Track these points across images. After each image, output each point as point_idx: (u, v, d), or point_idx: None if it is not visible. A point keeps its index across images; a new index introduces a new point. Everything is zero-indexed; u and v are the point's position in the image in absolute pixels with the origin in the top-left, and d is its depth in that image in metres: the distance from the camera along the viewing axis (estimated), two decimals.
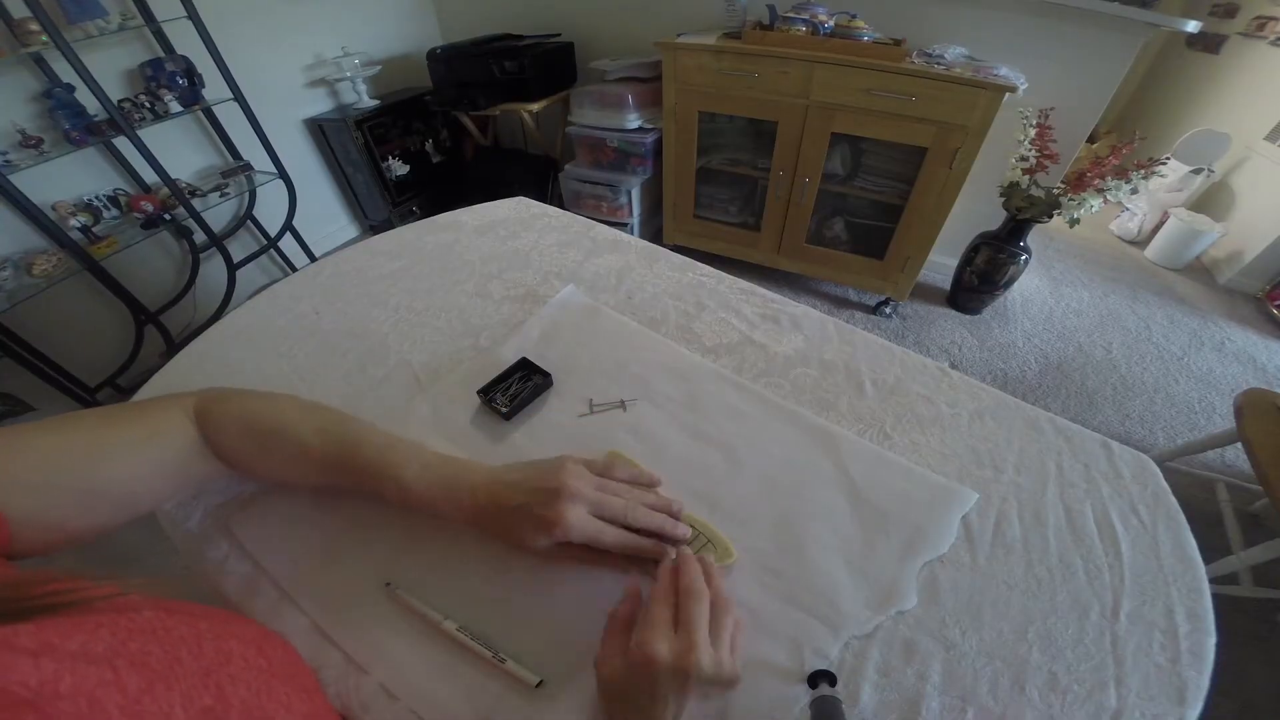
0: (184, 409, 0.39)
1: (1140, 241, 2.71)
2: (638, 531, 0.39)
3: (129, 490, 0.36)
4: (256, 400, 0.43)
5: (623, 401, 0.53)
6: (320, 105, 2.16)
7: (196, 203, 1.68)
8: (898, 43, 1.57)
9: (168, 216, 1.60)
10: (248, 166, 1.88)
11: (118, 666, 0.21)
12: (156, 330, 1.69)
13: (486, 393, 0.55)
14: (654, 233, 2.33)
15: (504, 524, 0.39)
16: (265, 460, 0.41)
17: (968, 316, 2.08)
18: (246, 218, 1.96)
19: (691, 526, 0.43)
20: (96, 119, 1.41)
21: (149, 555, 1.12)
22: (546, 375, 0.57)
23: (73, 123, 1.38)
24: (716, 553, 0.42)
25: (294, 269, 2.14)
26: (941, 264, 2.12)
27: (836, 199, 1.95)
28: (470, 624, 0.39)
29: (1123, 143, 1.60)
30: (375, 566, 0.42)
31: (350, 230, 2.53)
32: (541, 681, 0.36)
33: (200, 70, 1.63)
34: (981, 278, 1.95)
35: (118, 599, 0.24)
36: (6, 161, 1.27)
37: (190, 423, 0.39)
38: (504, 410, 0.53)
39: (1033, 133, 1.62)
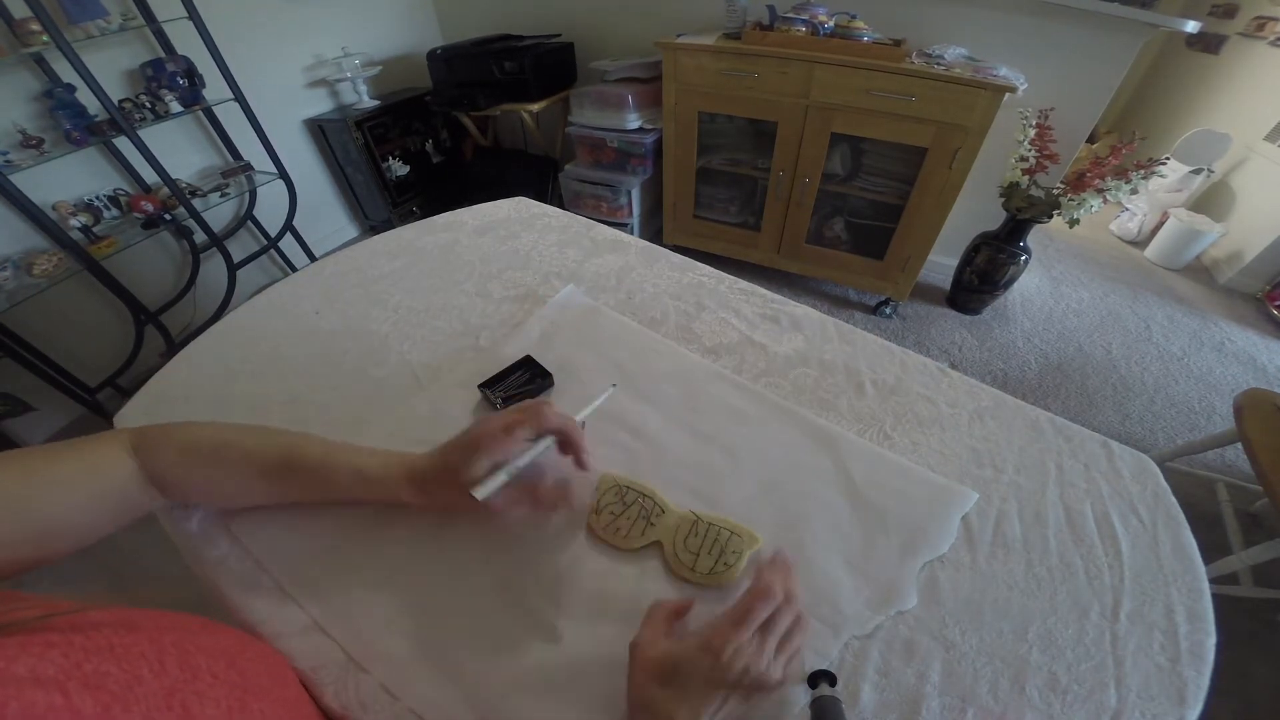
0: (120, 442, 0.39)
1: (1140, 242, 2.71)
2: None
3: (65, 524, 0.35)
4: (194, 426, 0.43)
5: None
6: (320, 105, 2.16)
7: (197, 203, 1.68)
8: (898, 43, 1.57)
9: (168, 216, 1.60)
10: (248, 167, 1.88)
11: (69, 690, 0.20)
12: (157, 330, 1.69)
13: (488, 387, 0.55)
14: (654, 233, 2.33)
15: (447, 473, 0.39)
16: (208, 477, 0.41)
17: (968, 316, 2.08)
18: (247, 218, 1.96)
19: (711, 523, 0.44)
20: (97, 119, 1.41)
21: (149, 555, 1.13)
22: (547, 374, 0.57)
23: (73, 123, 1.38)
24: (744, 541, 0.43)
25: (294, 269, 2.14)
26: (941, 264, 2.12)
27: (836, 199, 1.95)
28: (471, 619, 0.39)
29: (1123, 143, 1.60)
30: (375, 566, 0.42)
31: (350, 230, 2.53)
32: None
33: (201, 70, 1.63)
34: (981, 278, 1.95)
35: (73, 615, 0.23)
36: (7, 161, 1.27)
37: (127, 455, 0.39)
38: (499, 406, 0.53)
39: (1033, 133, 1.62)
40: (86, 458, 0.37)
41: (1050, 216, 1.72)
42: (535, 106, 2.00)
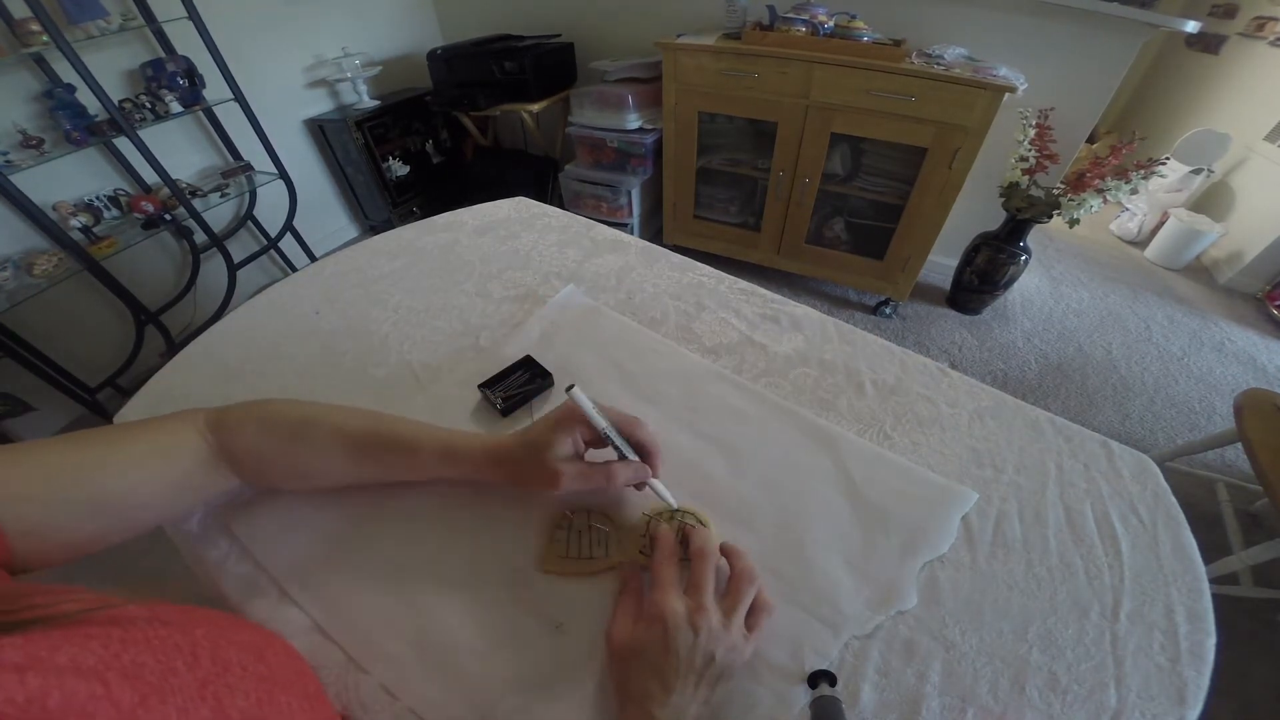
0: (195, 424, 0.39)
1: (1140, 242, 2.71)
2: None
3: (133, 504, 0.35)
4: (276, 402, 0.43)
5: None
6: (320, 105, 2.16)
7: (197, 203, 1.68)
8: (897, 43, 1.57)
9: (168, 217, 1.60)
10: (248, 167, 1.88)
11: (109, 680, 0.20)
12: (157, 330, 1.69)
13: (488, 386, 0.55)
14: (654, 233, 2.33)
15: (530, 452, 0.40)
16: (291, 454, 0.41)
17: (968, 316, 2.08)
18: (247, 218, 1.97)
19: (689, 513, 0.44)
20: (97, 119, 1.41)
21: (149, 556, 1.12)
22: (547, 374, 0.57)
23: (73, 123, 1.38)
24: (700, 518, 0.43)
25: (294, 269, 2.14)
26: (941, 264, 2.12)
27: (836, 199, 1.95)
28: (470, 618, 0.39)
29: (1123, 143, 1.60)
30: (375, 566, 0.42)
31: (350, 230, 2.53)
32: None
33: (201, 70, 1.63)
34: (981, 278, 1.95)
35: (111, 610, 0.24)
36: (7, 162, 1.27)
37: (200, 438, 0.39)
38: (500, 406, 0.53)
39: (1032, 133, 1.62)
40: (158, 437, 0.38)
41: (1050, 216, 1.72)
42: (535, 106, 2.00)
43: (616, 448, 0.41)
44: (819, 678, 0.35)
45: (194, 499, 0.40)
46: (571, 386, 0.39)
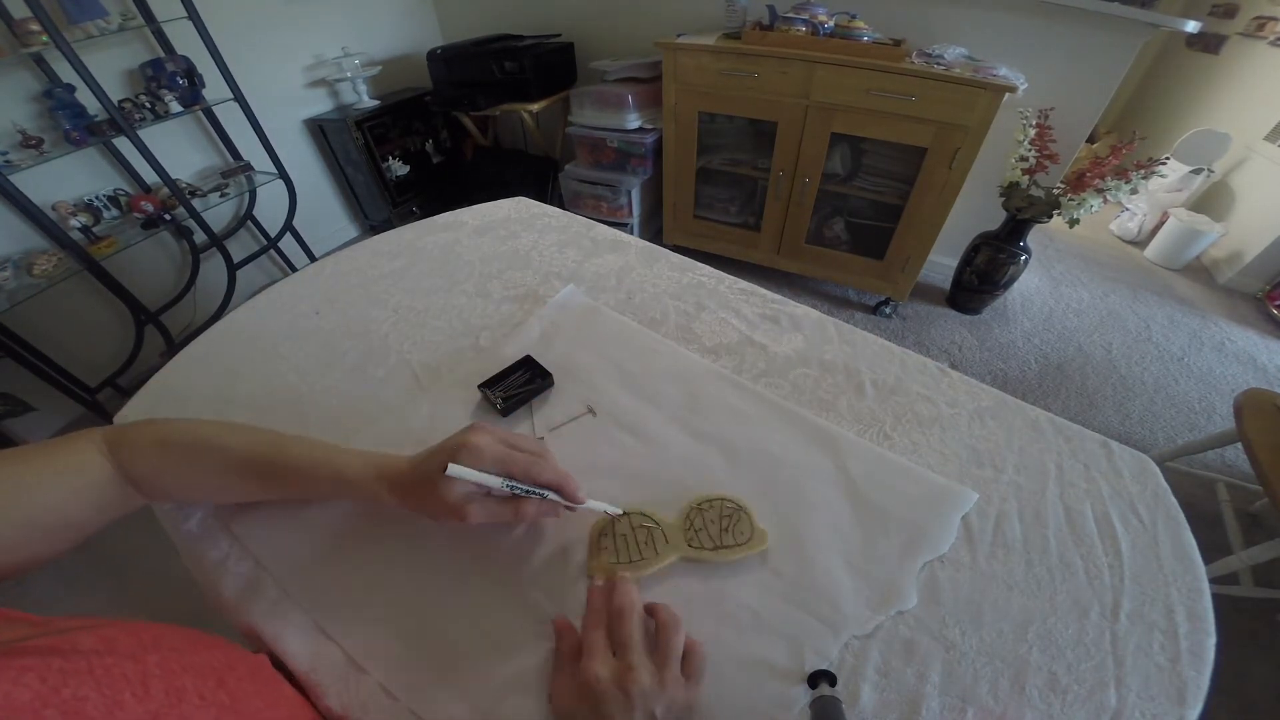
0: (93, 442, 0.38)
1: (1140, 241, 2.71)
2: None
3: (34, 528, 0.34)
4: (171, 423, 0.42)
5: (589, 408, 0.51)
6: (320, 105, 2.16)
7: (197, 203, 1.68)
8: (898, 43, 1.57)
9: (168, 216, 1.60)
10: (248, 167, 1.88)
11: (46, 717, 0.19)
12: (157, 330, 1.69)
13: (488, 386, 0.55)
14: (654, 233, 2.33)
15: (424, 484, 0.37)
16: (185, 475, 0.40)
17: (968, 316, 2.08)
18: (247, 218, 1.97)
19: (724, 499, 0.44)
20: (97, 119, 1.41)
21: (149, 556, 1.13)
22: (547, 374, 0.57)
23: (73, 123, 1.38)
24: (653, 517, 0.43)
25: (294, 269, 2.14)
26: (941, 264, 2.12)
27: (836, 199, 1.95)
28: (470, 618, 0.39)
29: (1123, 143, 1.60)
30: (375, 566, 0.42)
31: (350, 230, 2.53)
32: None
33: (200, 70, 1.63)
34: (981, 278, 1.95)
35: (53, 636, 0.22)
36: (7, 162, 1.27)
37: (102, 455, 0.38)
38: (499, 406, 0.53)
39: (1033, 133, 1.62)
40: (56, 459, 0.36)
41: (1050, 216, 1.72)
42: (535, 106, 2.00)
43: (524, 494, 0.38)
44: (819, 678, 0.35)
45: (102, 518, 0.38)
46: (445, 468, 0.35)
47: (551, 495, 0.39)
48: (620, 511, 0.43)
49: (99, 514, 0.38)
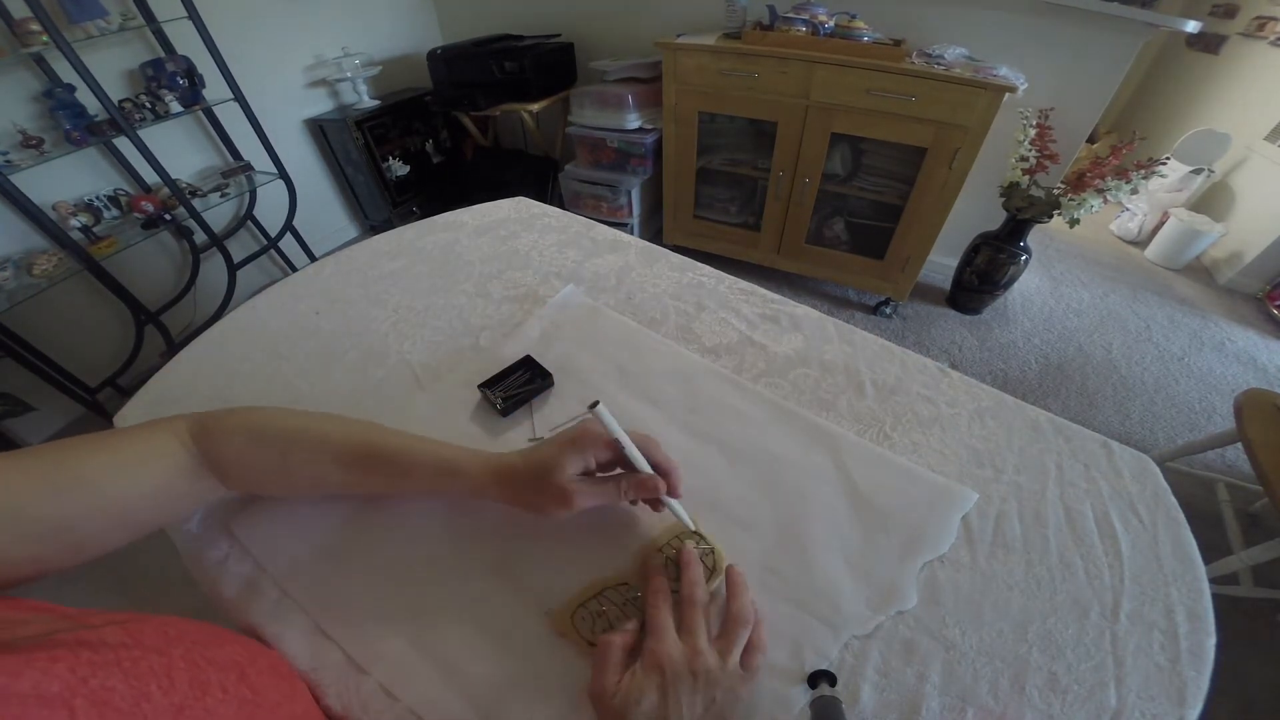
0: (173, 431, 0.37)
1: (1140, 242, 2.71)
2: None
3: (108, 517, 0.33)
4: (264, 410, 0.42)
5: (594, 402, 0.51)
6: (321, 105, 2.16)
7: (197, 203, 1.68)
8: (898, 43, 1.57)
9: (168, 216, 1.60)
10: (248, 167, 1.88)
11: (75, 707, 0.19)
12: (157, 330, 1.69)
13: (488, 386, 0.55)
14: (654, 233, 2.33)
15: (538, 474, 0.38)
16: (280, 464, 0.40)
17: (968, 316, 2.08)
18: (247, 218, 1.97)
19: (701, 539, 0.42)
20: (97, 119, 1.41)
21: (148, 556, 1.13)
22: (547, 374, 0.57)
23: (73, 123, 1.38)
24: (712, 545, 0.42)
25: (294, 269, 2.14)
26: (941, 264, 2.12)
27: (836, 199, 1.95)
28: (471, 619, 0.39)
29: (1123, 143, 1.60)
30: (375, 566, 0.42)
31: (350, 230, 2.53)
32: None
33: (201, 70, 1.63)
34: (981, 278, 1.95)
35: (82, 630, 0.22)
36: (7, 161, 1.27)
37: (180, 445, 0.37)
38: (499, 407, 0.53)
39: (1033, 133, 1.62)
40: (136, 445, 0.36)
41: (1050, 216, 1.72)
42: (535, 106, 2.00)
43: (636, 466, 0.39)
44: (819, 678, 0.35)
45: (178, 507, 0.38)
46: (596, 404, 0.37)
47: (648, 474, 0.39)
48: (693, 527, 0.42)
49: (166, 506, 0.37)
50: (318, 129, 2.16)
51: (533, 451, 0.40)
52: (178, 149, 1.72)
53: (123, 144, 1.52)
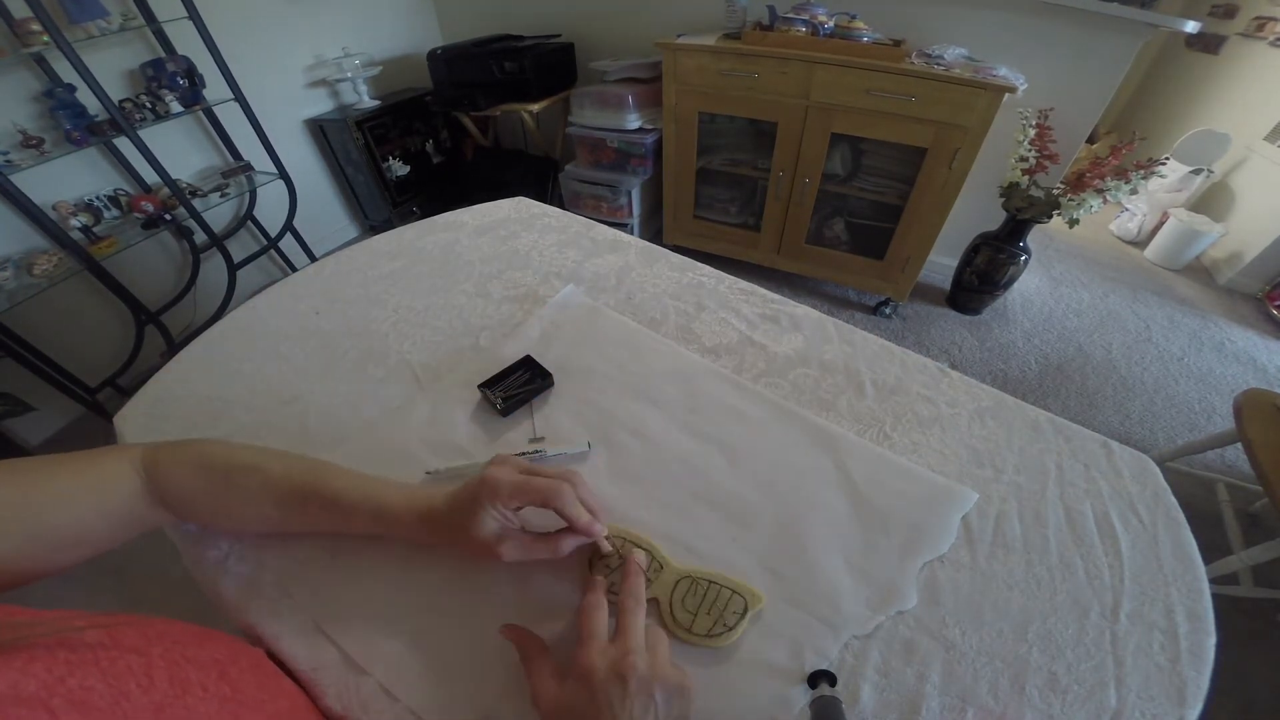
0: (130, 459, 0.38)
1: (1140, 242, 2.71)
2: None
3: (63, 538, 0.34)
4: (210, 445, 0.42)
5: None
6: (321, 105, 2.16)
7: (197, 203, 1.68)
8: (897, 43, 1.57)
9: (168, 216, 1.60)
10: (248, 167, 1.88)
11: (54, 707, 0.19)
12: (157, 330, 1.69)
13: (488, 386, 0.55)
14: (654, 233, 2.33)
15: (457, 523, 0.37)
16: (221, 501, 0.40)
17: (968, 317, 2.08)
18: (247, 218, 1.97)
19: (711, 582, 0.40)
20: (97, 119, 1.41)
21: (148, 556, 1.13)
22: (547, 375, 0.57)
23: (74, 123, 1.38)
24: (746, 600, 0.39)
25: (294, 269, 2.14)
26: (941, 264, 2.12)
27: (836, 199, 1.95)
28: (471, 619, 0.39)
29: (1123, 143, 1.60)
30: (375, 566, 0.42)
31: (350, 230, 2.53)
32: None
33: (201, 70, 1.63)
34: (981, 278, 1.95)
35: (60, 634, 0.22)
36: (7, 161, 1.27)
37: (135, 472, 0.38)
38: (499, 406, 0.53)
39: (1032, 133, 1.62)
40: (90, 472, 0.36)
41: (1050, 216, 1.72)
42: (535, 107, 2.00)
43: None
44: (819, 678, 0.35)
45: (129, 532, 0.38)
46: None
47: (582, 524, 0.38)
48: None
49: (120, 530, 0.37)
50: (318, 129, 2.16)
51: (452, 496, 0.39)
52: (178, 149, 1.72)
53: (123, 144, 1.52)
